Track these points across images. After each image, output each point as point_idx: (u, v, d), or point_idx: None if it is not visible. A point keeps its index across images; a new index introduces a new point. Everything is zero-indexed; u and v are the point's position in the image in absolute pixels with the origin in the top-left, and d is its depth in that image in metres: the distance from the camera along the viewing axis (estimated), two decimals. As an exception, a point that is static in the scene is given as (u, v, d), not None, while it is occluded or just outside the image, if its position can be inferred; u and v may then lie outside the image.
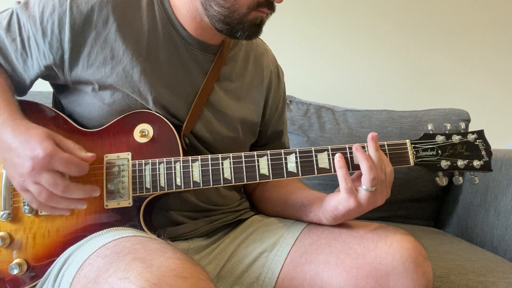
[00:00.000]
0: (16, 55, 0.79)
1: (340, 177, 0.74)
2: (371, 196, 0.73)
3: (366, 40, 1.85)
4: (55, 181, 0.67)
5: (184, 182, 0.76)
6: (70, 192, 0.69)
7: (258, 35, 0.80)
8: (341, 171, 0.74)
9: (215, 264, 0.84)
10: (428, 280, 0.71)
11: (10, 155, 0.69)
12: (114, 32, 0.78)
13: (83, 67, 0.78)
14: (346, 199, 0.73)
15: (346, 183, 0.73)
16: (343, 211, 0.75)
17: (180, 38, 0.82)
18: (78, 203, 0.72)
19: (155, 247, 0.61)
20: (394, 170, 0.77)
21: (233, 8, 0.75)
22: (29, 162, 0.67)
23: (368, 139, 0.75)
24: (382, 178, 0.73)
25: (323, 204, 0.79)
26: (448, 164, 0.79)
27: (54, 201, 0.69)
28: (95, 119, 0.80)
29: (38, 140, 0.68)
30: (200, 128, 0.84)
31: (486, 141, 0.80)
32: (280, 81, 1.02)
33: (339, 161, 0.75)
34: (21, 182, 0.69)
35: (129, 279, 0.53)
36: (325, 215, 0.79)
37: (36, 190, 0.68)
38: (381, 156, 0.75)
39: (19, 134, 0.69)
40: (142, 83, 0.78)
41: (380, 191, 0.74)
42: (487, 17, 1.88)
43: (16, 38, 0.78)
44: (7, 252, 0.74)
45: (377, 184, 0.73)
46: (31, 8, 0.78)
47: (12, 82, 0.81)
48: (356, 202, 0.73)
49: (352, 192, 0.73)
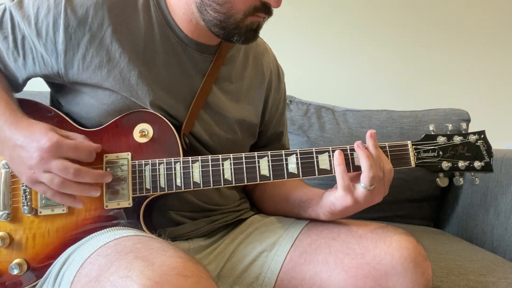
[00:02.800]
0: (8, 53, 0.78)
1: (338, 174, 0.74)
2: (369, 194, 0.73)
3: (366, 40, 1.85)
4: (65, 165, 0.68)
5: (184, 183, 0.76)
6: (82, 174, 0.70)
7: (254, 39, 0.79)
8: (339, 168, 0.74)
9: (216, 264, 0.84)
10: (427, 280, 0.71)
11: (16, 151, 0.70)
12: (110, 35, 0.77)
13: (79, 70, 0.77)
14: (343, 197, 0.73)
15: (343, 181, 0.73)
16: (339, 208, 0.75)
17: (177, 39, 0.81)
18: (90, 189, 0.72)
19: (156, 246, 0.61)
20: (394, 169, 0.77)
21: (229, 13, 0.74)
22: (37, 153, 0.67)
23: (367, 137, 0.75)
24: (380, 176, 0.73)
25: (321, 200, 0.79)
26: (449, 165, 0.79)
27: (68, 186, 0.70)
28: (93, 119, 0.79)
29: (43, 131, 0.69)
30: (199, 130, 0.83)
31: (488, 141, 0.80)
32: (280, 82, 1.01)
33: (338, 158, 0.75)
34: (31, 174, 0.69)
35: (131, 278, 0.53)
36: (322, 211, 0.79)
37: (48, 178, 0.69)
38: (380, 154, 0.75)
39: (21, 129, 0.70)
40: (140, 86, 0.78)
41: (378, 189, 0.74)
42: (487, 17, 1.88)
43: (8, 36, 0.77)
44: (7, 252, 0.74)
45: (375, 182, 0.72)
46: (26, 7, 0.77)
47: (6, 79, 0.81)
48: (353, 200, 0.73)
49: (349, 190, 0.73)
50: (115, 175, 0.76)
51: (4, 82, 0.80)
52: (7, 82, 0.81)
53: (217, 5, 0.73)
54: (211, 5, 0.74)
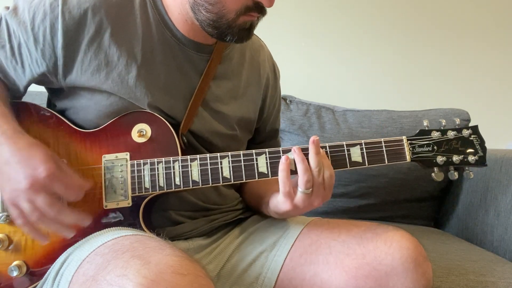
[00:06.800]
0: (7, 62, 0.77)
1: (280, 179, 0.75)
2: (306, 198, 0.74)
3: (366, 40, 1.85)
4: (52, 202, 0.66)
5: (183, 182, 0.76)
6: (64, 215, 0.68)
7: (248, 38, 0.79)
8: (282, 174, 0.74)
9: (215, 264, 0.84)
10: (428, 280, 0.71)
11: (7, 168, 0.68)
12: (108, 38, 0.77)
13: (77, 73, 0.76)
14: (283, 202, 0.75)
15: (284, 187, 0.74)
16: (281, 211, 0.77)
17: (175, 39, 0.81)
18: (67, 229, 0.70)
19: (153, 245, 0.61)
20: (394, 169, 0.77)
21: (220, 13, 0.74)
22: (28, 180, 0.65)
23: (309, 142, 0.75)
24: (319, 181, 0.74)
25: (270, 200, 0.81)
26: (444, 159, 0.80)
27: (44, 222, 0.68)
28: (91, 120, 0.79)
29: (42, 159, 0.67)
30: (198, 127, 0.83)
31: (481, 136, 0.81)
32: (276, 79, 1.02)
33: (283, 163, 0.75)
34: (14, 197, 0.67)
35: (127, 276, 0.53)
36: (269, 210, 0.82)
37: (29, 209, 0.67)
38: (321, 159, 0.75)
39: (20, 148, 0.68)
40: (138, 88, 0.78)
41: (316, 193, 0.74)
42: (487, 17, 1.88)
43: (5, 45, 0.76)
44: (6, 254, 0.74)
45: (312, 186, 0.73)
46: (21, 14, 0.76)
47: (6, 89, 0.80)
48: (292, 205, 0.75)
49: (289, 196, 0.74)
50: (114, 175, 0.76)
51: (3, 92, 0.79)
52: (6, 92, 0.80)
53: (209, 5, 0.74)
54: (203, 5, 0.74)
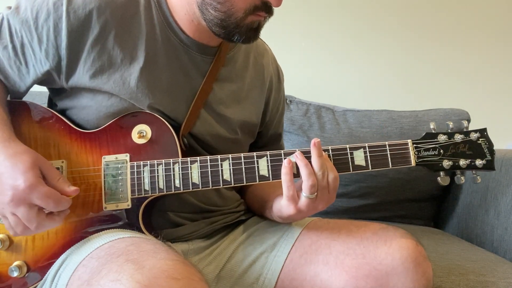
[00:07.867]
0: (10, 62, 0.77)
1: (284, 183, 0.74)
2: (311, 202, 0.73)
3: (367, 40, 1.85)
4: (29, 217, 0.66)
5: (183, 184, 0.76)
6: (44, 229, 0.69)
7: (255, 39, 0.79)
8: (285, 177, 0.73)
9: (215, 265, 0.83)
10: (428, 280, 0.71)
11: None
12: (113, 39, 0.76)
13: (80, 73, 0.76)
14: (287, 206, 0.74)
15: (288, 191, 0.73)
16: (285, 215, 0.76)
17: (179, 41, 0.81)
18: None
19: (148, 248, 0.61)
20: (394, 169, 0.76)
21: (229, 12, 0.73)
22: (9, 192, 0.65)
23: (311, 146, 0.75)
24: (323, 185, 0.73)
25: (274, 204, 0.80)
26: (450, 164, 0.77)
27: (30, 234, 0.70)
28: (91, 121, 0.79)
29: (23, 169, 0.66)
30: (199, 130, 0.83)
31: (489, 139, 0.78)
32: (280, 82, 1.01)
33: (285, 167, 0.74)
34: (0, 209, 0.68)
35: (120, 281, 0.53)
36: (273, 215, 0.81)
37: (13, 222, 0.67)
38: (324, 162, 0.74)
39: (6, 158, 0.67)
40: (140, 90, 0.77)
41: (320, 197, 0.73)
42: (487, 17, 1.87)
43: (7, 45, 0.76)
44: (6, 255, 0.74)
45: (317, 191, 0.72)
46: (23, 13, 0.75)
47: (4, 91, 0.80)
48: (296, 209, 0.73)
49: (293, 200, 0.73)
50: (114, 176, 0.76)
51: (1, 95, 0.78)
52: (5, 95, 0.79)
53: (218, 3, 0.73)
54: (212, 4, 0.74)
